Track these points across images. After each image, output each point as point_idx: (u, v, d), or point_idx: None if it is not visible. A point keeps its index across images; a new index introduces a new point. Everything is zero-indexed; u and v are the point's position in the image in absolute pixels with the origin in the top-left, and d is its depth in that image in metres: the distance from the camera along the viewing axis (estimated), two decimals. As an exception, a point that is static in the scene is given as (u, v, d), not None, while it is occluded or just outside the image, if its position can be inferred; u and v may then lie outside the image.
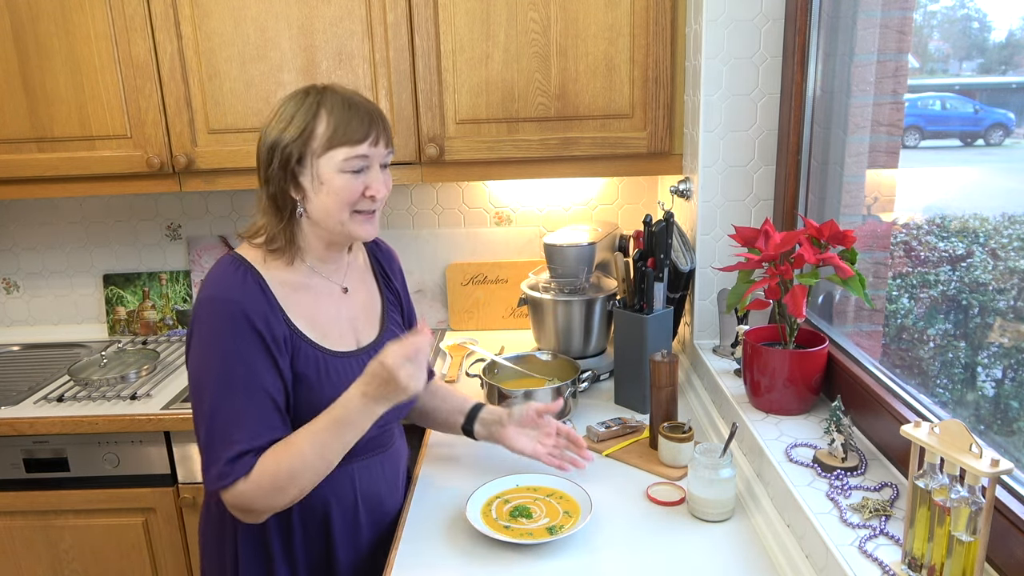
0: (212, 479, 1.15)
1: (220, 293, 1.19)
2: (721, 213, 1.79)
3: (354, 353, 1.29)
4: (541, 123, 1.90)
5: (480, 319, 2.35)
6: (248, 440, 1.15)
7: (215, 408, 1.16)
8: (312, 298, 1.27)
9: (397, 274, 1.49)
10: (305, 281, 1.28)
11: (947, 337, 1.45)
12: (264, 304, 1.19)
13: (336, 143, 1.18)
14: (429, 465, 1.53)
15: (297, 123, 1.19)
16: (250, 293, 1.19)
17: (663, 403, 1.52)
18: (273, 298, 1.22)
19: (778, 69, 1.70)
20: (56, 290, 2.45)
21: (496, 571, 1.18)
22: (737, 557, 1.20)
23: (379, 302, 1.41)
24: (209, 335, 1.18)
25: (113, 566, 1.93)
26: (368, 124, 1.21)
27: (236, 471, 1.14)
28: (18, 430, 1.82)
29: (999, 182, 1.48)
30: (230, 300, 1.18)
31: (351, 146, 1.19)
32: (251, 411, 1.16)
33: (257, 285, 1.21)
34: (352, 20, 1.84)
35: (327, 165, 1.19)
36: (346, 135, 1.19)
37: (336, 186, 1.20)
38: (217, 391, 1.16)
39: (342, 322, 1.31)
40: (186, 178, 1.97)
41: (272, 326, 1.19)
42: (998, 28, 1.29)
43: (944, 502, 0.91)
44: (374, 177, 1.23)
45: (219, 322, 1.17)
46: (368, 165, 1.22)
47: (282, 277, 1.25)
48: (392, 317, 1.42)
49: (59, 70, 1.88)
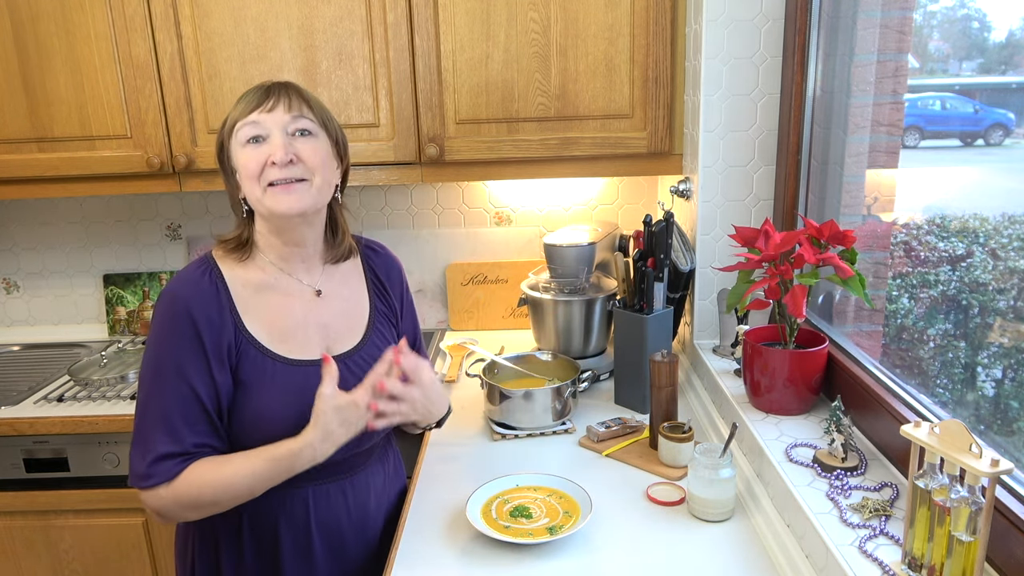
0: (134, 476, 1.15)
1: (172, 289, 1.20)
2: (721, 213, 1.79)
3: (320, 361, 1.22)
4: (541, 123, 1.90)
5: (480, 319, 2.35)
6: (172, 443, 1.14)
7: (146, 403, 1.16)
8: (277, 300, 1.25)
9: (396, 284, 1.42)
10: (271, 282, 1.26)
11: (947, 337, 1.45)
12: (213, 305, 1.19)
13: (234, 120, 1.20)
14: (429, 465, 1.53)
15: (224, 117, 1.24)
16: (201, 292, 1.19)
17: (663, 403, 1.52)
18: (227, 299, 1.20)
19: (778, 69, 1.70)
20: (56, 290, 2.45)
21: (496, 571, 1.18)
22: (737, 557, 1.20)
23: (366, 310, 1.35)
24: (154, 330, 1.18)
25: (113, 566, 1.93)
26: (263, 94, 1.19)
27: (158, 474, 1.13)
28: (18, 430, 1.82)
29: (999, 182, 1.48)
30: (178, 297, 1.18)
31: (243, 119, 1.19)
32: (178, 411, 1.15)
33: (214, 285, 1.20)
34: (352, 20, 1.84)
35: (235, 146, 1.20)
36: (241, 110, 1.19)
37: (241, 162, 1.19)
38: (150, 386, 1.16)
39: (308, 327, 1.26)
40: (186, 178, 1.97)
41: (216, 328, 1.17)
42: (998, 28, 1.29)
43: (944, 502, 0.91)
44: (274, 144, 1.18)
45: (164, 319, 1.18)
46: (265, 133, 1.18)
47: (246, 277, 1.24)
48: (378, 329, 1.34)
49: (59, 70, 1.88)
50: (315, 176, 1.21)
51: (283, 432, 1.17)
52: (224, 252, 1.26)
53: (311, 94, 1.25)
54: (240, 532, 1.24)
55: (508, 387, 1.66)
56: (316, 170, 1.21)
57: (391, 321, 1.39)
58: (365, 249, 1.42)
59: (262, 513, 1.23)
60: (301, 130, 1.20)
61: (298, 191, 1.19)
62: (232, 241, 1.26)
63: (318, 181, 1.21)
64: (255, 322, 1.22)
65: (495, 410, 1.66)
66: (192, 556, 1.28)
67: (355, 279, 1.37)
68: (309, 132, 1.21)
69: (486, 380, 1.69)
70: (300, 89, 1.23)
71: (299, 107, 1.21)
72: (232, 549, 1.25)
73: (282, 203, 1.18)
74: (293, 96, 1.21)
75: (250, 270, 1.25)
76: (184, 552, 1.31)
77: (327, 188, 1.25)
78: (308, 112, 1.22)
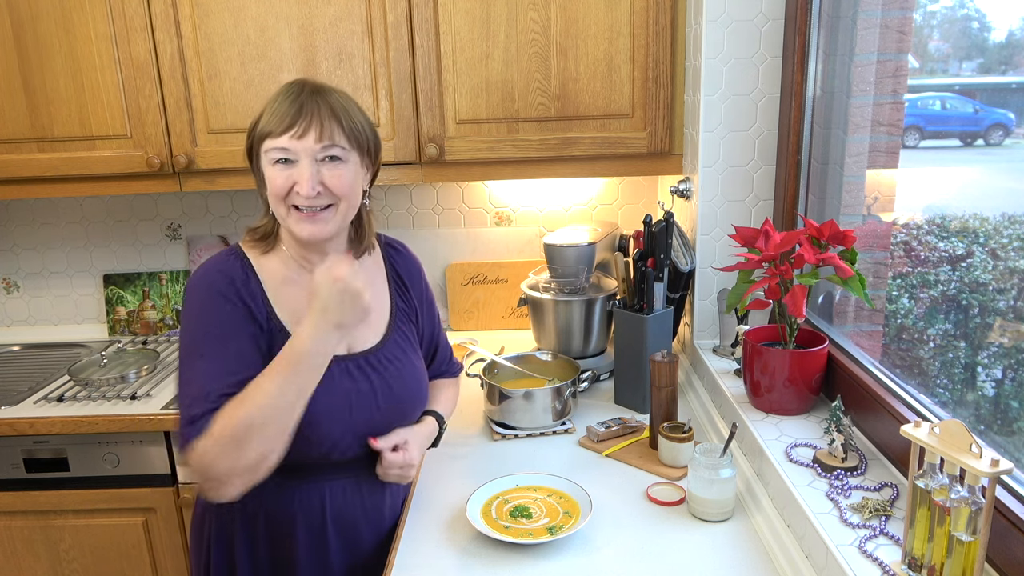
0: (180, 445, 1.12)
1: (206, 269, 1.21)
2: (721, 213, 1.79)
3: (341, 359, 1.24)
4: (541, 123, 1.90)
5: (480, 319, 2.35)
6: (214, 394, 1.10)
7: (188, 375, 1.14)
8: (300, 294, 1.25)
9: (416, 283, 1.43)
10: (294, 276, 1.27)
11: (947, 337, 1.45)
12: (248, 286, 1.20)
13: (264, 134, 1.19)
14: (429, 465, 1.53)
15: (256, 116, 1.22)
16: (236, 273, 1.20)
17: (663, 403, 1.52)
18: (259, 285, 1.22)
19: (778, 69, 1.70)
20: (56, 290, 2.45)
21: (496, 571, 1.18)
22: (737, 557, 1.20)
23: (387, 308, 1.36)
24: (192, 307, 1.18)
25: (113, 566, 1.93)
26: (295, 116, 1.16)
27: (197, 429, 1.09)
28: (18, 430, 1.82)
29: (999, 182, 1.48)
30: (215, 272, 1.19)
31: (273, 137, 1.17)
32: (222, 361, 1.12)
33: (244, 270, 1.22)
34: (352, 20, 1.84)
35: (264, 157, 1.20)
36: (270, 125, 1.18)
37: (268, 179, 1.20)
38: (192, 354, 1.14)
39: None
40: (186, 178, 1.97)
41: (256, 302, 1.18)
42: (998, 28, 1.29)
43: (944, 502, 0.91)
44: (301, 173, 1.16)
45: (201, 295, 1.18)
46: (293, 159, 1.17)
47: (272, 268, 1.26)
48: (399, 327, 1.35)
49: (59, 70, 1.88)
50: (341, 202, 1.21)
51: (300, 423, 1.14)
52: (251, 242, 1.28)
53: (344, 102, 1.22)
54: (256, 524, 1.25)
55: (508, 387, 1.66)
56: (343, 196, 1.21)
57: (411, 320, 1.40)
58: (387, 248, 1.43)
59: (279, 507, 1.25)
60: (330, 156, 1.19)
61: (323, 219, 1.20)
62: (260, 230, 1.28)
63: (343, 206, 1.22)
64: (283, 311, 1.23)
65: (495, 410, 1.66)
66: (207, 548, 1.29)
67: (378, 278, 1.38)
68: (339, 158, 1.20)
69: (486, 380, 1.69)
70: (333, 102, 1.20)
71: (330, 133, 1.18)
72: (248, 541, 1.26)
73: (304, 230, 1.20)
74: (326, 118, 1.17)
75: (274, 262, 1.27)
76: (199, 544, 1.31)
77: (352, 209, 1.25)
78: (339, 137, 1.19)
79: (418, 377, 1.35)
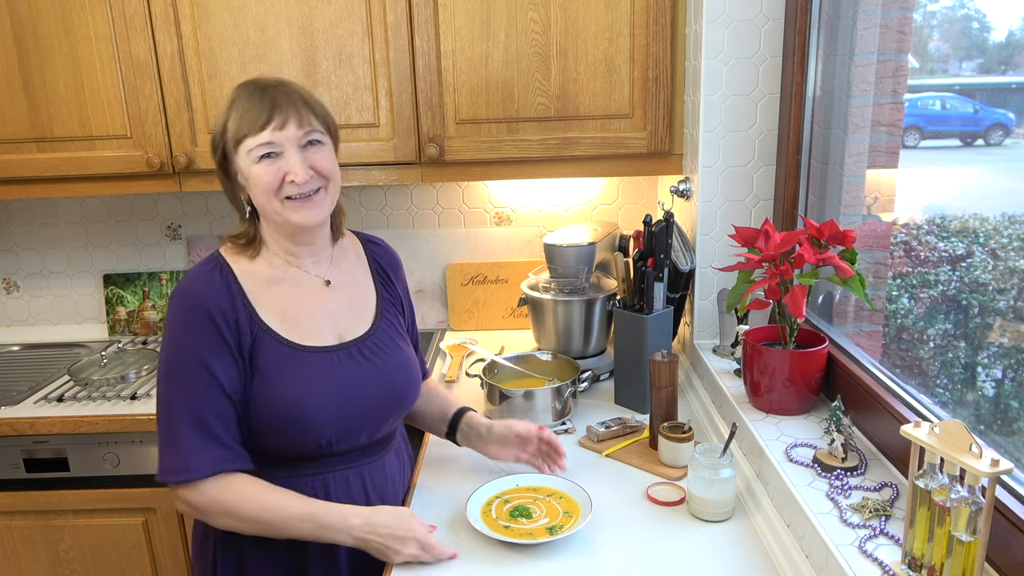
0: (165, 471, 1.17)
1: (184, 287, 1.22)
2: (721, 213, 1.79)
3: (334, 348, 1.28)
4: (541, 123, 1.90)
5: (480, 319, 2.35)
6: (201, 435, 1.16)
7: (169, 399, 1.18)
8: (287, 291, 1.28)
9: (399, 276, 1.46)
10: (280, 275, 1.29)
11: (947, 337, 1.45)
12: (226, 298, 1.21)
13: (241, 135, 1.20)
14: (429, 465, 1.53)
15: (220, 120, 1.23)
16: (213, 287, 1.22)
17: (663, 403, 1.52)
18: (240, 292, 1.23)
19: (778, 69, 1.70)
20: (56, 290, 2.45)
21: (496, 571, 1.18)
22: (737, 557, 1.20)
23: (373, 297, 1.39)
24: (171, 328, 1.20)
25: (113, 566, 1.93)
26: (269, 109, 1.19)
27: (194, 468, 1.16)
28: (18, 430, 1.82)
29: (999, 182, 1.48)
30: (191, 293, 1.21)
31: (253, 136, 1.19)
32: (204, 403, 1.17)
33: (224, 280, 1.23)
34: (352, 20, 1.84)
35: (243, 158, 1.21)
36: (247, 125, 1.19)
37: (255, 177, 1.21)
38: (174, 382, 1.18)
39: (319, 316, 1.29)
40: (186, 178, 1.97)
41: (232, 321, 1.20)
42: (998, 28, 1.29)
43: (944, 502, 0.91)
44: (290, 162, 1.20)
45: (180, 316, 1.20)
46: (278, 151, 1.20)
47: (256, 271, 1.27)
48: (386, 316, 1.38)
49: (59, 70, 1.88)
50: (330, 182, 1.26)
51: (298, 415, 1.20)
52: (233, 249, 1.29)
53: (307, 92, 1.26)
54: None
55: (508, 387, 1.66)
56: (331, 177, 1.26)
57: (397, 309, 1.43)
58: (367, 243, 1.47)
59: None
60: (312, 140, 1.23)
61: (316, 203, 1.24)
62: (241, 238, 1.29)
63: (332, 187, 1.27)
64: (268, 313, 1.24)
65: (495, 410, 1.66)
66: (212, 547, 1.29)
67: (360, 270, 1.41)
68: (319, 141, 1.24)
69: (486, 380, 1.69)
70: (300, 93, 1.24)
71: (308, 119, 1.22)
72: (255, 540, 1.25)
73: (302, 217, 1.24)
74: (300, 107, 1.21)
75: (259, 265, 1.28)
76: (204, 537, 1.32)
77: (338, 190, 1.30)
78: (314, 121, 1.24)
79: (409, 363, 1.38)
